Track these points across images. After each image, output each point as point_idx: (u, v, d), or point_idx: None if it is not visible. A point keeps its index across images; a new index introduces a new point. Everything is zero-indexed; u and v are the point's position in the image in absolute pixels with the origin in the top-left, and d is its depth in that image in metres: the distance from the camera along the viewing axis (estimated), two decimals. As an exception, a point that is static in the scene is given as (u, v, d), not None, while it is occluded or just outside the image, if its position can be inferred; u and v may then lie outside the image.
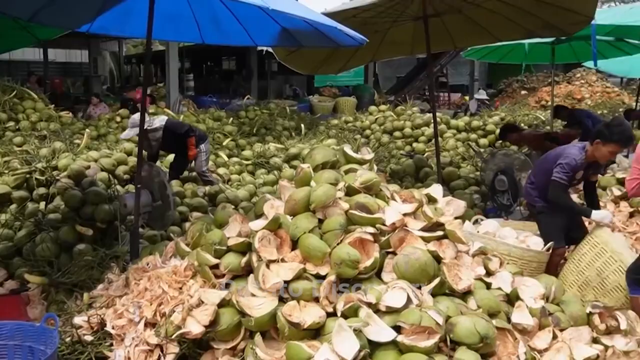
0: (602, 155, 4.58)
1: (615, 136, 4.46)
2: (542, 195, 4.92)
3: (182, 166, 7.58)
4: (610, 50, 9.25)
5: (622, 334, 3.58)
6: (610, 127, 4.54)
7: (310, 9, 4.44)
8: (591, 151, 4.63)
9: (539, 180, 4.95)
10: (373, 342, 2.90)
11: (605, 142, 4.50)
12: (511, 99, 20.23)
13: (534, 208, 5.05)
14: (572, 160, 4.61)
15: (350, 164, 3.90)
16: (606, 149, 4.52)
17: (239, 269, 3.43)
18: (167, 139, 7.27)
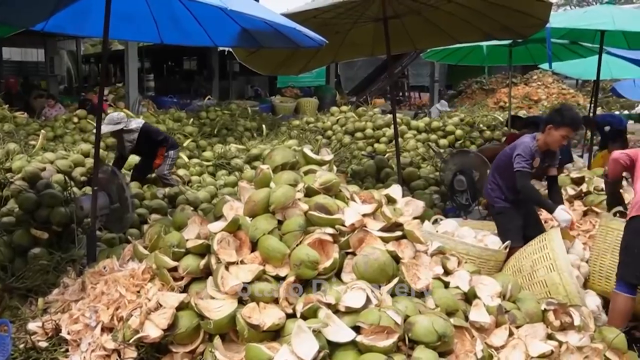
0: (554, 140, 4.76)
1: (567, 119, 4.69)
2: (503, 194, 5.02)
3: (148, 170, 7.51)
4: (565, 53, 9.48)
5: (576, 330, 3.65)
6: (561, 112, 4.78)
7: (269, 9, 4.43)
8: (543, 138, 4.80)
9: (499, 178, 5.05)
10: (332, 343, 2.90)
11: (557, 126, 4.71)
12: (471, 100, 20.55)
13: (494, 208, 5.15)
14: (526, 147, 4.76)
15: (310, 165, 3.91)
16: (558, 133, 4.72)
17: (197, 271, 3.39)
18: (141, 143, 7.28)
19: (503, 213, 5.03)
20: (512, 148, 4.93)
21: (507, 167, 4.89)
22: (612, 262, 4.41)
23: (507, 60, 9.95)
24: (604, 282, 4.56)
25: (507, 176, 4.93)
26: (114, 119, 7.15)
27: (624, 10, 8.32)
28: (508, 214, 5.01)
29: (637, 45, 8.63)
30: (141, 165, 7.56)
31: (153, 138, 7.39)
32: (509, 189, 4.97)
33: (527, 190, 4.78)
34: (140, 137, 7.24)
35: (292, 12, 5.69)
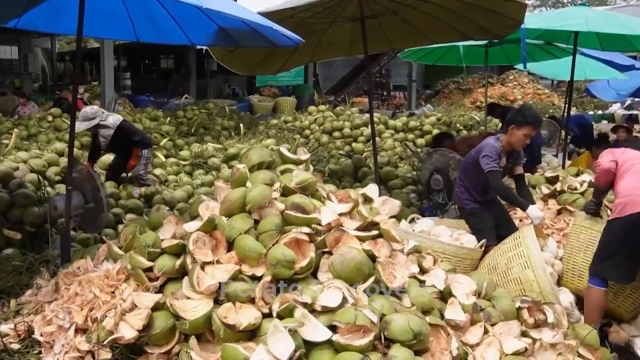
0: (517, 139, 4.87)
1: (529, 118, 4.82)
2: (471, 196, 5.10)
3: (121, 169, 7.43)
4: (540, 54, 9.59)
5: (550, 327, 3.71)
6: (522, 112, 4.92)
7: (246, 8, 4.42)
8: (507, 139, 4.91)
9: (466, 181, 5.15)
10: (309, 342, 2.90)
11: (519, 126, 4.83)
12: (448, 100, 20.70)
13: (465, 210, 5.23)
14: (492, 148, 4.85)
15: (287, 164, 3.91)
16: (521, 132, 4.83)
17: (173, 271, 3.37)
18: (116, 141, 7.13)
19: (474, 214, 5.12)
20: (477, 151, 5.02)
21: (473, 170, 5.00)
22: (585, 260, 4.49)
23: (483, 61, 10.04)
24: (576, 280, 4.64)
25: (474, 178, 5.04)
26: (88, 114, 6.96)
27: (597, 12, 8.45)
28: (479, 214, 5.09)
29: (610, 46, 8.78)
30: (115, 165, 7.45)
31: (129, 137, 7.25)
32: (477, 191, 5.08)
33: (500, 189, 4.88)
34: (116, 134, 7.09)
35: (269, 11, 5.67)
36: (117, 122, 7.18)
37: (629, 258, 4.13)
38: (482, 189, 5.03)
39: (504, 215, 5.27)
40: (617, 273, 4.18)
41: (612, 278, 4.20)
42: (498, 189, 4.87)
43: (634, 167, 4.24)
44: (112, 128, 7.07)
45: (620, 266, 4.14)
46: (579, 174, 6.18)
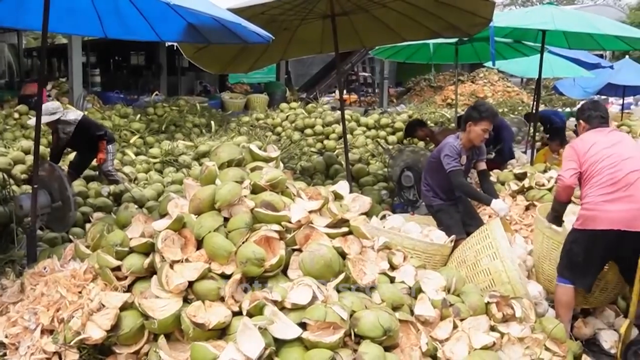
0: (476, 135, 4.97)
1: (484, 113, 4.95)
2: (437, 194, 5.22)
3: (84, 166, 7.32)
4: (509, 52, 9.69)
5: (518, 321, 3.77)
6: (477, 108, 5.03)
7: (215, 5, 4.39)
8: (466, 136, 5.02)
9: (430, 180, 5.27)
10: (279, 340, 2.90)
11: (476, 122, 4.94)
12: (419, 97, 20.84)
13: (432, 207, 5.33)
14: (452, 147, 4.95)
15: (256, 161, 3.89)
16: (478, 127, 4.95)
17: (142, 270, 3.34)
18: (77, 136, 7.06)
19: (442, 210, 5.23)
20: (438, 151, 5.15)
21: (436, 170, 5.12)
22: (551, 267, 4.45)
23: (453, 59, 10.09)
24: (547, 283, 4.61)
25: (438, 178, 5.15)
26: (49, 109, 6.88)
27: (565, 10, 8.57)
28: (446, 211, 5.21)
29: (577, 45, 8.92)
30: (77, 161, 7.35)
31: (92, 132, 7.18)
32: (442, 190, 5.20)
33: (463, 187, 4.99)
34: (77, 130, 7.02)
35: (239, 8, 5.63)
36: (77, 117, 7.14)
37: (587, 269, 4.11)
38: (447, 188, 5.15)
39: (471, 211, 5.37)
40: (577, 280, 4.17)
41: (572, 283, 4.19)
42: (460, 187, 4.97)
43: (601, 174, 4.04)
44: (73, 124, 7.02)
45: (580, 275, 4.14)
46: (547, 170, 6.27)
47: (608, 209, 3.93)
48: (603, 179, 4.01)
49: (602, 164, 4.05)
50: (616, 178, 3.97)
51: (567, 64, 11.47)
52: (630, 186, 3.93)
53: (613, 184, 3.97)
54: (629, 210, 3.89)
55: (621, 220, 3.88)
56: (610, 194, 3.96)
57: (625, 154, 4.07)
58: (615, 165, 4.01)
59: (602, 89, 14.74)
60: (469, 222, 5.15)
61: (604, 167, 4.03)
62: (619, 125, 9.96)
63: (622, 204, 3.91)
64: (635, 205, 3.90)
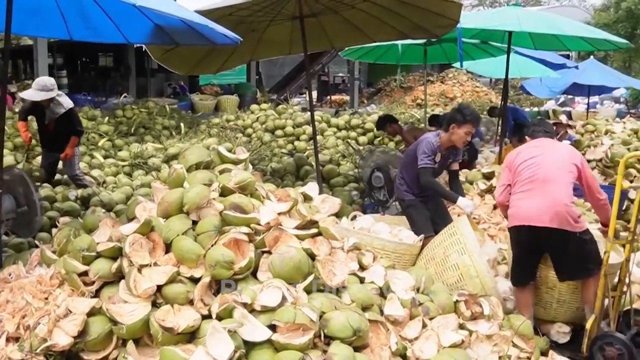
0: (459, 137, 5.03)
1: (469, 117, 4.99)
2: (410, 189, 5.25)
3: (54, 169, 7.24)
4: (476, 52, 9.82)
5: (486, 319, 3.83)
6: (462, 111, 5.07)
7: (182, 6, 4.37)
8: (447, 137, 5.07)
9: (405, 174, 5.31)
10: (248, 342, 2.90)
11: (460, 124, 4.98)
12: (389, 98, 20.95)
13: (404, 202, 5.38)
14: (429, 144, 5.02)
15: (225, 164, 3.88)
16: (462, 130, 5.00)
17: (109, 275, 3.31)
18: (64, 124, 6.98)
19: (412, 206, 5.28)
20: (415, 145, 5.21)
21: (411, 164, 5.17)
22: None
23: (422, 59, 10.19)
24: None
25: (412, 172, 5.19)
26: (47, 85, 6.79)
27: (530, 12, 8.72)
28: (417, 207, 5.26)
29: (543, 46, 9.08)
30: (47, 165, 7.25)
31: (73, 125, 7.10)
32: (415, 184, 5.23)
33: (430, 185, 5.05)
34: (65, 117, 6.96)
35: (207, 10, 5.60)
36: (70, 104, 7.07)
37: (518, 266, 4.37)
38: (419, 183, 5.16)
39: (442, 210, 5.41)
40: (514, 277, 4.41)
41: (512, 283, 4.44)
42: (427, 184, 5.03)
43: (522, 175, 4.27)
44: (65, 108, 6.96)
45: (514, 273, 4.40)
46: (514, 170, 6.35)
47: (522, 205, 4.19)
48: (523, 179, 4.24)
49: (525, 165, 4.28)
50: (534, 177, 4.19)
51: (533, 65, 11.67)
52: (546, 183, 4.14)
53: (530, 182, 4.19)
54: (539, 206, 4.09)
55: (531, 216, 4.10)
56: (526, 191, 4.19)
57: (549, 157, 4.27)
58: (535, 166, 4.22)
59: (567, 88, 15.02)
60: (439, 221, 5.19)
61: (525, 168, 4.26)
62: (585, 125, 10.14)
63: (534, 200, 4.12)
64: (546, 201, 4.08)
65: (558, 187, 4.14)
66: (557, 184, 4.15)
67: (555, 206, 4.07)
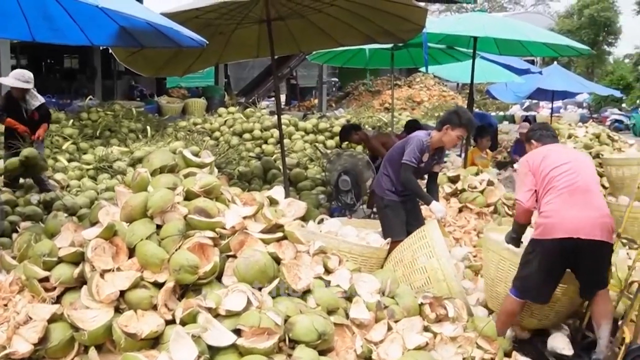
0: (450, 139, 5.00)
1: (464, 121, 4.94)
2: (394, 185, 5.16)
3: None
4: (443, 57, 9.95)
5: (450, 321, 3.87)
6: (458, 114, 5.00)
7: (147, 8, 4.34)
8: (439, 137, 5.01)
9: (391, 169, 5.20)
10: (213, 347, 2.88)
11: (454, 127, 4.93)
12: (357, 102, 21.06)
13: (382, 201, 5.24)
14: (419, 142, 4.96)
15: (190, 167, 3.85)
16: (455, 133, 4.95)
17: (71, 280, 3.25)
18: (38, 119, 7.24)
19: (390, 207, 5.18)
20: (405, 141, 5.14)
21: (399, 160, 5.05)
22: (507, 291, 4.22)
23: (389, 63, 10.29)
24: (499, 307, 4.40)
25: (398, 168, 5.08)
26: (25, 76, 7.08)
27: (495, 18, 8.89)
28: (395, 208, 5.17)
29: (507, 51, 9.24)
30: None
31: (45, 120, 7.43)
32: (400, 180, 5.12)
33: (409, 182, 4.98)
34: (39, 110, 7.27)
35: (173, 12, 5.56)
36: (43, 99, 7.47)
37: (545, 281, 3.98)
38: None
39: (416, 212, 5.35)
40: (533, 294, 4.04)
41: (528, 298, 4.06)
42: (407, 181, 4.96)
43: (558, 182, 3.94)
44: (40, 101, 7.31)
45: (536, 287, 4.00)
46: (479, 173, 6.46)
47: (567, 217, 3.84)
48: (560, 187, 3.92)
49: (558, 171, 3.97)
50: (574, 186, 3.91)
51: (499, 70, 11.88)
52: (587, 193, 3.92)
53: (571, 191, 3.89)
54: (588, 218, 3.84)
55: (580, 229, 3.80)
56: (567, 201, 3.87)
57: (581, 164, 4.08)
58: (572, 174, 3.95)
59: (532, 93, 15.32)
60: (413, 222, 5.15)
61: (560, 175, 3.95)
62: (548, 129, 10.32)
63: (581, 212, 3.85)
64: (593, 212, 3.86)
65: (599, 197, 3.97)
66: (597, 194, 3.98)
67: (602, 217, 3.87)
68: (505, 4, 54.15)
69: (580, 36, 34.76)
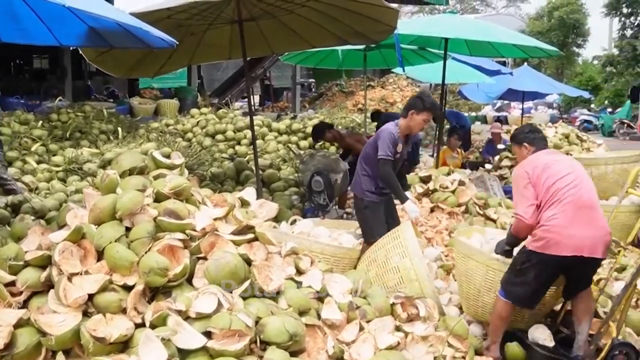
0: (416, 123, 5.02)
1: (427, 104, 4.99)
2: (374, 183, 5.12)
3: None
4: (415, 58, 10.01)
5: (422, 321, 3.90)
6: (422, 98, 5.06)
7: (116, 8, 4.28)
8: (406, 123, 5.03)
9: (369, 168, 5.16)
10: (183, 350, 2.86)
11: (419, 111, 4.96)
12: (331, 102, 21.06)
13: (362, 202, 5.19)
14: (389, 135, 4.95)
15: (160, 169, 3.81)
16: (420, 117, 4.98)
17: (38, 284, 3.21)
18: None
19: (370, 207, 5.14)
20: (377, 135, 5.14)
21: (374, 155, 5.03)
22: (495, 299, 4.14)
23: (362, 64, 10.32)
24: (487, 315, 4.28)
25: (375, 165, 5.05)
26: None
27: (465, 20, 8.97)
28: (375, 209, 5.13)
29: (478, 52, 9.33)
30: None
31: None
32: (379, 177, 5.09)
33: (388, 176, 4.95)
34: None
35: (143, 12, 5.49)
36: None
37: (537, 291, 3.95)
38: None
39: (392, 209, 5.33)
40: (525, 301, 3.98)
41: (517, 301, 3.98)
42: (386, 175, 4.94)
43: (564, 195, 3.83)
44: None
45: (529, 296, 3.94)
46: (450, 173, 6.52)
47: (572, 235, 3.75)
48: (565, 201, 3.81)
49: (561, 184, 3.86)
50: (579, 201, 3.82)
51: (470, 71, 11.97)
52: (592, 210, 3.86)
53: (577, 207, 3.80)
54: (593, 237, 3.78)
55: (584, 247, 3.74)
56: (573, 218, 3.77)
57: (582, 175, 4.01)
58: (575, 187, 3.86)
59: (503, 94, 15.51)
60: (390, 220, 5.15)
61: (564, 188, 3.84)
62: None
63: (586, 230, 3.77)
64: (598, 231, 3.81)
65: (601, 214, 3.90)
66: (599, 210, 3.90)
67: (605, 236, 3.83)
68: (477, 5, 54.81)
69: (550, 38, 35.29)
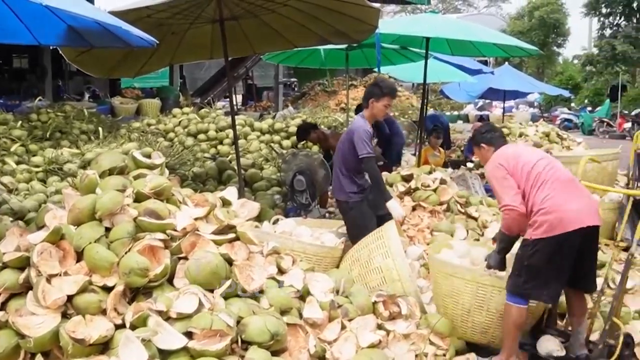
0: (379, 110, 5.09)
1: (385, 89, 5.07)
2: (354, 182, 5.12)
3: None
4: (397, 57, 10.03)
5: (404, 319, 3.92)
6: (378, 85, 5.15)
7: (95, 7, 4.25)
8: (369, 113, 5.11)
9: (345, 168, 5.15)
10: (164, 351, 2.85)
11: (378, 98, 5.03)
12: (314, 102, 21.06)
13: (346, 204, 5.17)
14: (363, 131, 4.97)
15: (140, 169, 3.78)
16: (380, 103, 5.05)
17: (16, 286, 3.17)
18: None
19: (356, 208, 5.12)
20: (349, 133, 5.13)
21: (350, 153, 5.03)
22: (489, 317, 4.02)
23: (344, 63, 10.34)
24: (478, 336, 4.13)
25: (353, 163, 5.05)
26: None
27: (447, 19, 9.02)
28: (361, 209, 5.12)
29: (459, 52, 9.38)
30: None
31: None
32: (359, 174, 5.11)
33: (374, 173, 4.99)
34: None
35: (122, 10, 5.46)
36: None
37: (556, 278, 3.76)
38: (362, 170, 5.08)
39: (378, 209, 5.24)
40: (546, 293, 3.79)
41: (539, 298, 3.85)
42: (371, 171, 4.98)
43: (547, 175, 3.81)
44: None
45: (549, 286, 3.76)
46: (432, 172, 6.55)
47: (571, 208, 3.71)
48: (551, 180, 3.79)
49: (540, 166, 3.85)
50: (562, 177, 3.84)
51: (451, 70, 12.06)
52: (574, 182, 3.89)
53: (564, 183, 3.81)
54: (586, 205, 3.79)
55: (584, 218, 3.69)
56: (564, 193, 3.75)
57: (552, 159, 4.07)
58: (552, 167, 3.88)
59: (484, 93, 15.63)
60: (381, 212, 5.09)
61: (545, 170, 3.83)
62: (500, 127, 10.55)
63: (580, 200, 3.77)
64: (588, 199, 3.87)
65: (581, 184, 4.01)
66: (579, 182, 4.00)
67: (594, 202, 3.94)
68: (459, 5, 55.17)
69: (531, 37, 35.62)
